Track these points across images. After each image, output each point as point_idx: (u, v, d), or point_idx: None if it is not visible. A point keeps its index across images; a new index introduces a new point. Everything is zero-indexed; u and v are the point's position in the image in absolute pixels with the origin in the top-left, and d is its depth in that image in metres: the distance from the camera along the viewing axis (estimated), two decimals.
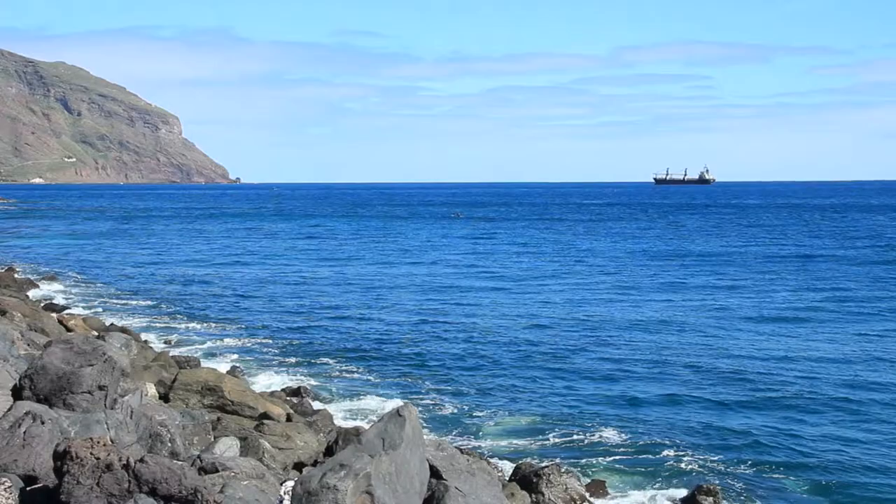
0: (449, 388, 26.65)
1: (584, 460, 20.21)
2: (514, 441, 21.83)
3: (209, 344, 33.59)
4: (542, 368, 28.99)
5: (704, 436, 21.93)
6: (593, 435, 22.02)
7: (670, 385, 26.65)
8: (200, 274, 57.36)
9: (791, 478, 19.20)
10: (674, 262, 62.76)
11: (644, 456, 20.45)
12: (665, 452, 20.63)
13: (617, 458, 20.39)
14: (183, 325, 37.84)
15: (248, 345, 33.49)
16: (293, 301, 44.66)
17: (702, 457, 20.35)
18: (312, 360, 30.59)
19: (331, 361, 30.36)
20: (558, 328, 35.99)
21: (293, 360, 30.80)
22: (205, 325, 37.96)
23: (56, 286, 49.39)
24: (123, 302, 44.52)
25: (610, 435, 21.98)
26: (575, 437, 21.96)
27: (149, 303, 44.18)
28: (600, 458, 20.33)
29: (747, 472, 19.51)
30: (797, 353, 30.95)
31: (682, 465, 19.85)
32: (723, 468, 19.69)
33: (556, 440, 21.78)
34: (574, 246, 79.21)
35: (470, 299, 44.65)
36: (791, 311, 39.89)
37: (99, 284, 51.54)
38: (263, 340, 34.25)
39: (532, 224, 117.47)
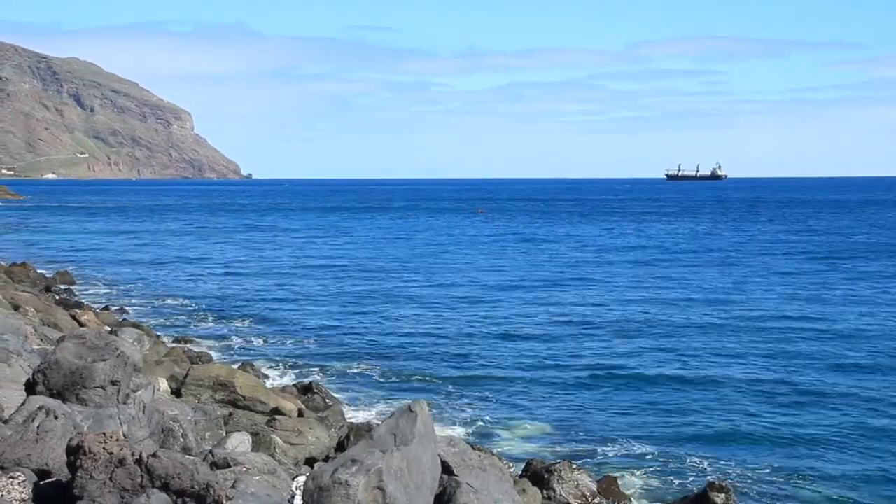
0: (460, 384, 26.63)
1: (595, 457, 20.18)
2: (526, 437, 21.81)
3: (221, 339, 33.68)
4: (555, 367, 28.95)
5: (716, 433, 21.86)
6: (605, 432, 21.98)
7: (683, 384, 26.59)
8: (213, 270, 57.51)
9: (804, 474, 19.11)
10: (693, 265, 62.63)
11: (656, 453, 20.40)
12: (677, 449, 20.58)
13: (628, 454, 20.36)
14: (195, 321, 37.95)
15: (260, 340, 33.56)
16: (305, 297, 44.71)
17: (713, 453, 20.30)
18: (324, 356, 30.63)
19: (343, 357, 30.38)
20: (572, 328, 35.94)
21: (305, 355, 30.84)
22: (217, 320, 38.06)
23: (69, 281, 49.54)
24: (136, 297, 44.67)
25: (621, 432, 21.93)
26: (587, 434, 21.93)
27: (161, 298, 44.31)
28: (612, 455, 20.30)
29: (759, 468, 19.44)
30: (810, 349, 30.83)
31: (694, 462, 19.80)
32: (734, 465, 19.63)
33: (568, 437, 21.75)
34: (593, 243, 79.07)
35: (485, 297, 44.62)
36: (804, 311, 39.76)
37: (111, 280, 51.74)
38: (275, 336, 34.32)
39: (549, 220, 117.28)
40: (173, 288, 48.17)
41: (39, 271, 49.39)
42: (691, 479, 18.79)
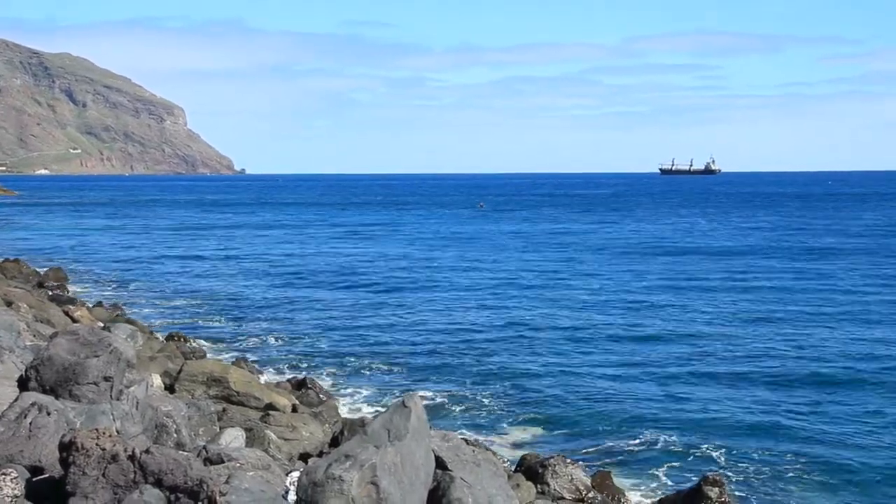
0: (454, 379, 26.64)
1: (589, 452, 20.20)
2: (520, 432, 21.83)
3: (215, 335, 33.62)
4: (549, 362, 28.97)
5: (710, 427, 21.89)
6: (599, 427, 22.00)
7: (676, 379, 26.63)
8: (205, 265, 57.41)
9: (797, 468, 19.16)
10: (684, 260, 62.70)
11: (649, 448, 20.44)
12: (671, 444, 20.61)
13: (622, 449, 20.38)
14: (188, 316, 37.88)
15: (254, 336, 33.51)
16: (299, 293, 44.66)
17: (707, 448, 20.32)
18: (318, 352, 30.61)
19: (336, 353, 30.37)
20: (566, 323, 35.95)
21: (299, 351, 30.82)
22: (211, 316, 37.99)
23: (62, 277, 49.38)
24: (129, 293, 44.58)
25: (615, 427, 21.95)
26: (581, 428, 21.94)
27: (154, 294, 44.24)
28: (606, 450, 20.32)
29: (753, 462, 19.48)
30: (805, 345, 30.89)
31: (688, 457, 19.83)
32: (728, 459, 19.67)
33: (562, 432, 21.77)
34: (584, 239, 79.12)
35: (480, 293, 44.60)
36: (801, 306, 39.85)
37: (104, 276, 51.63)
38: (269, 332, 34.28)
39: (543, 216, 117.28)
40: (166, 284, 48.08)
41: (32, 267, 49.27)
42: (686, 473, 18.82)
